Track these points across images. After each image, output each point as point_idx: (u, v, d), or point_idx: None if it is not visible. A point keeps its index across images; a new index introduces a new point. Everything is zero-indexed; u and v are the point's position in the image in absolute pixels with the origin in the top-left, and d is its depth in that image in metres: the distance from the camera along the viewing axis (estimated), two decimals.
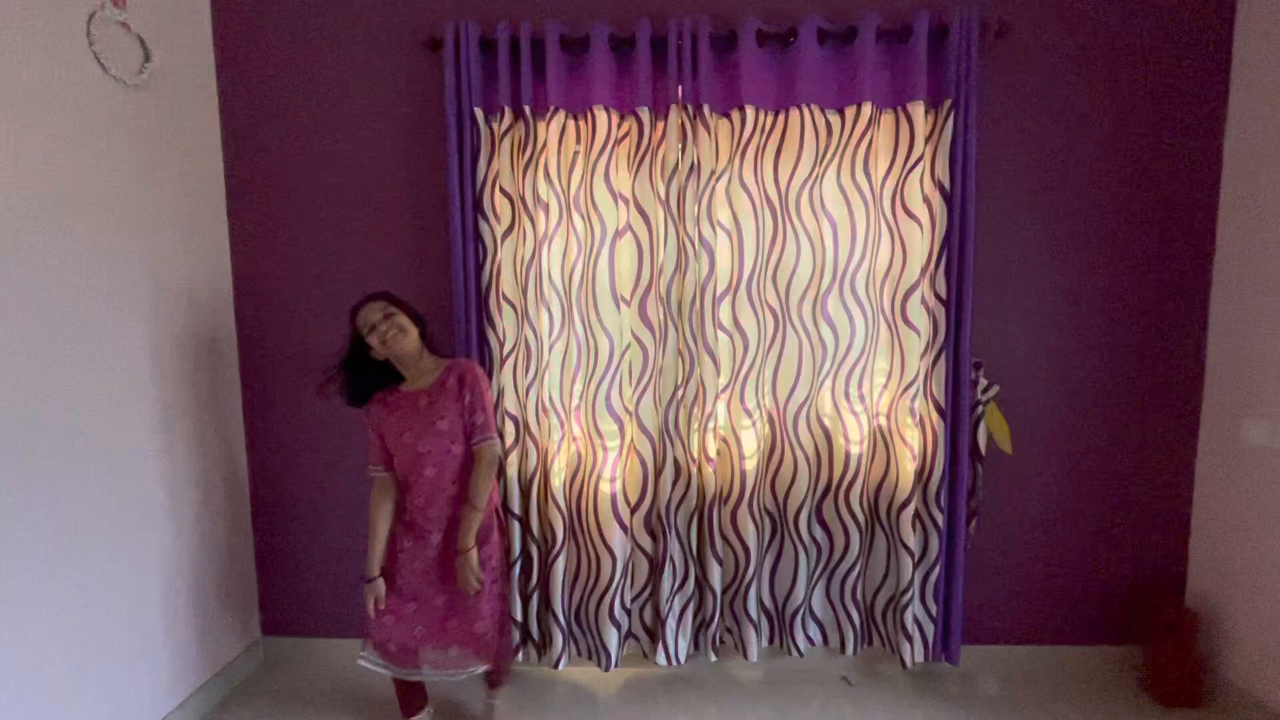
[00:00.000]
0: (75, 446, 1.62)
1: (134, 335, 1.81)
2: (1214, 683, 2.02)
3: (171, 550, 1.94)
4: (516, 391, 2.05)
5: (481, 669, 1.75)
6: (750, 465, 2.06)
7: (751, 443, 2.07)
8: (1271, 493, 1.88)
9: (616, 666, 2.11)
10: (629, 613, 2.13)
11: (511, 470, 2.07)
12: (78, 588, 1.63)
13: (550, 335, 2.03)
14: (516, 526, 2.08)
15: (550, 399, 2.04)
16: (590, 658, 2.16)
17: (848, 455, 2.06)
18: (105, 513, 1.71)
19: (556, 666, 2.12)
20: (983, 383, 2.05)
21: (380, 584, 1.76)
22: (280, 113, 2.13)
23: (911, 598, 2.07)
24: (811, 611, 2.17)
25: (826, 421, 2.08)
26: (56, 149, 1.59)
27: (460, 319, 2.01)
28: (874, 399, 2.07)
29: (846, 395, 2.05)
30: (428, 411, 1.70)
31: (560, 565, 2.07)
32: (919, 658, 2.10)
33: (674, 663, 2.13)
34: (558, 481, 2.07)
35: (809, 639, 2.17)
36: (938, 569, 2.07)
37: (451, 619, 1.75)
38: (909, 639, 2.08)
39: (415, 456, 1.71)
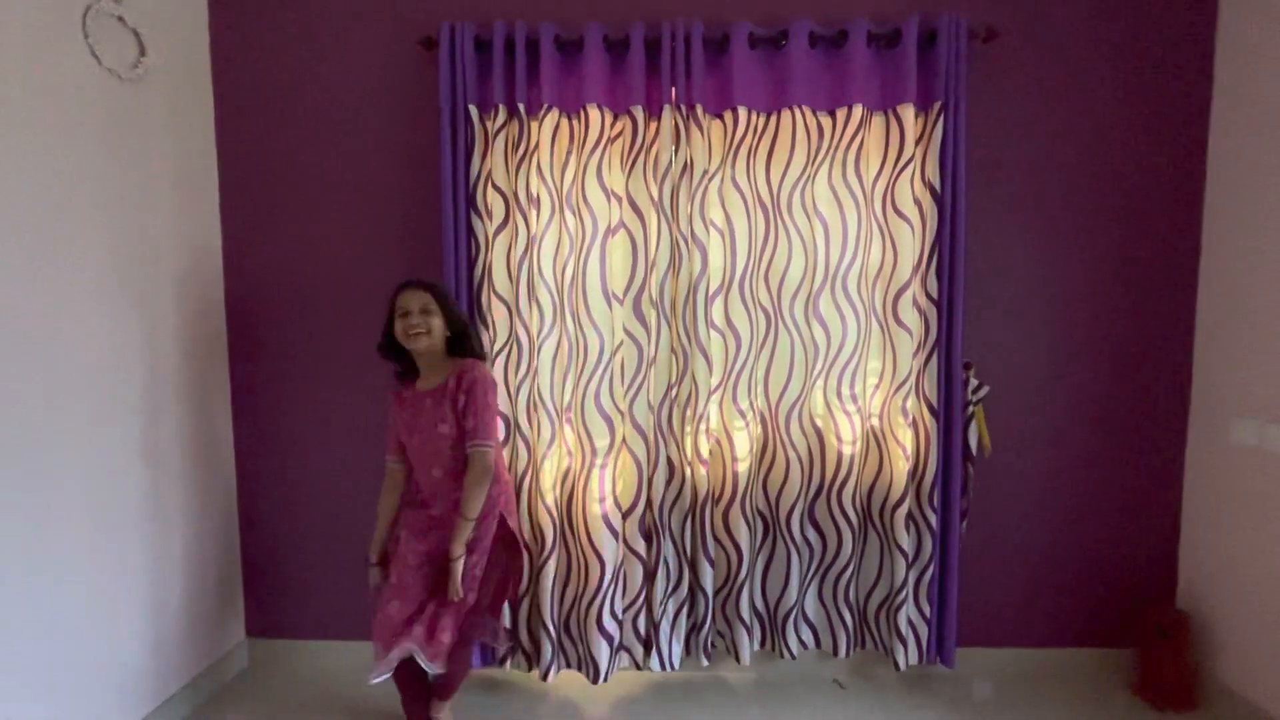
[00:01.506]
0: (58, 442, 1.60)
1: (125, 328, 1.80)
2: (1205, 685, 2.02)
3: (155, 549, 1.91)
4: (508, 389, 2.04)
5: (432, 671, 1.66)
6: (743, 468, 2.05)
7: (744, 444, 2.06)
8: (1260, 494, 1.89)
9: (605, 680, 2.06)
10: (620, 624, 2.08)
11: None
12: (57, 585, 1.60)
13: (541, 333, 2.03)
14: None
15: (540, 396, 2.04)
16: (579, 668, 2.11)
17: (840, 455, 2.06)
18: (86, 510, 1.69)
19: (545, 678, 2.07)
20: (973, 383, 2.06)
21: (378, 571, 1.80)
22: (275, 109, 2.14)
23: (905, 599, 2.06)
24: (804, 614, 2.15)
25: (819, 422, 2.08)
26: (50, 141, 1.59)
27: None
28: (866, 399, 2.08)
29: (839, 395, 2.05)
30: (431, 413, 1.69)
31: (550, 569, 2.05)
32: (913, 660, 2.09)
33: (668, 668, 2.10)
34: (548, 481, 2.06)
35: (801, 642, 2.15)
36: (931, 570, 2.06)
37: (426, 619, 1.68)
38: (902, 641, 2.06)
39: (422, 458, 1.72)
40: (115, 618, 1.78)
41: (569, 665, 2.13)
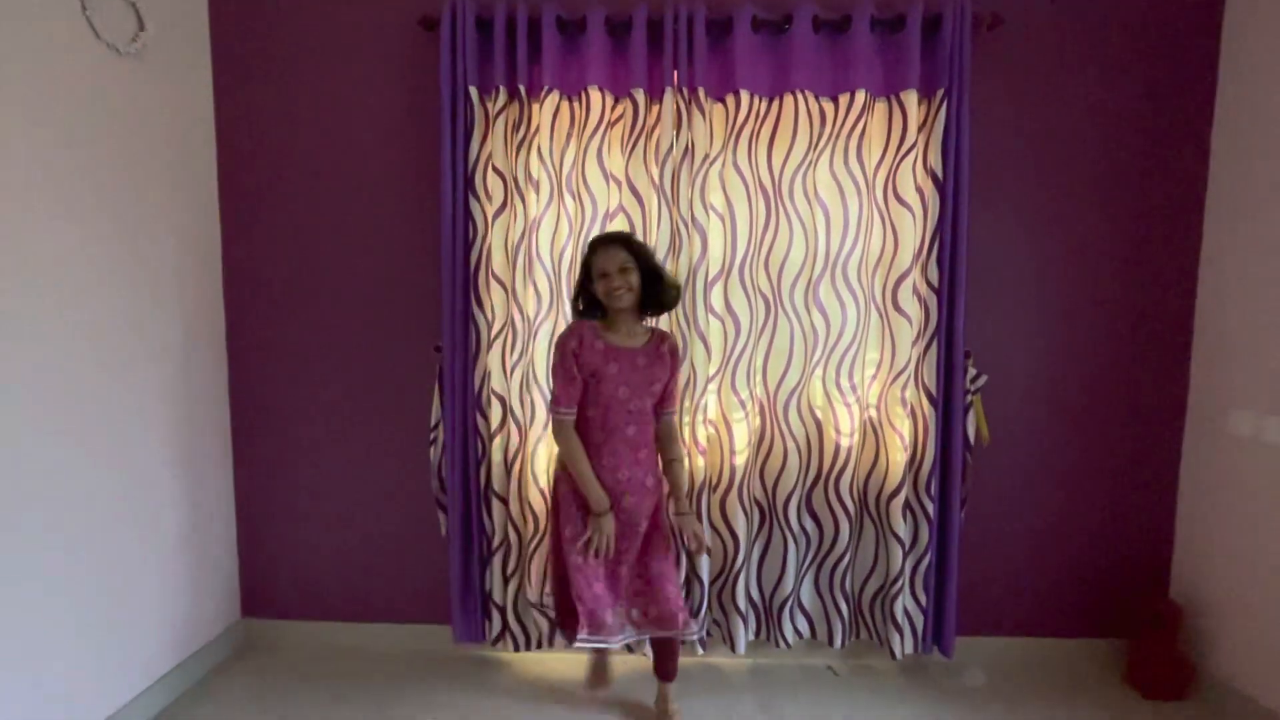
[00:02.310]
0: (51, 423, 1.59)
1: (117, 306, 1.79)
2: (1197, 675, 2.02)
3: (149, 529, 1.91)
4: (504, 372, 2.03)
5: (687, 634, 1.75)
6: (740, 460, 2.05)
7: (743, 436, 2.05)
8: (1256, 485, 1.89)
9: None
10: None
11: (497, 455, 2.06)
12: (51, 564, 1.59)
13: (538, 316, 2.02)
14: (501, 510, 2.06)
15: (536, 379, 2.03)
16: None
17: (838, 444, 2.06)
18: (81, 489, 1.68)
19: (539, 649, 2.09)
20: (971, 372, 2.06)
21: (613, 516, 1.70)
22: (274, 86, 2.13)
23: (901, 588, 2.06)
24: (800, 603, 2.15)
25: (818, 412, 2.07)
26: (45, 115, 1.57)
27: (448, 297, 2.00)
28: (864, 387, 2.07)
29: (838, 384, 2.05)
30: (646, 372, 1.73)
31: (543, 552, 2.05)
32: (909, 649, 2.09)
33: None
34: (541, 464, 2.06)
35: (797, 631, 2.15)
36: (928, 559, 2.06)
37: (645, 583, 1.76)
38: (899, 630, 2.06)
39: (625, 414, 1.71)
40: (110, 597, 1.77)
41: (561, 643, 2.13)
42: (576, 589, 1.67)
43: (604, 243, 1.71)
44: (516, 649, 2.13)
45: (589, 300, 1.76)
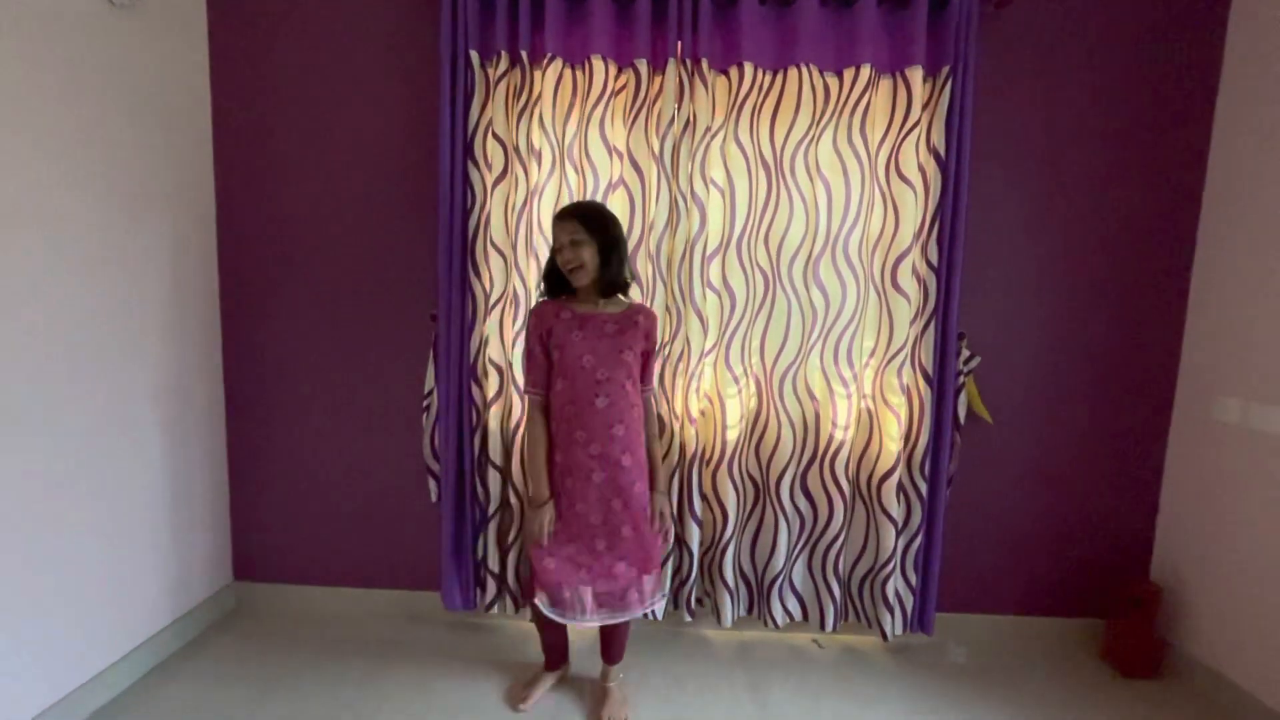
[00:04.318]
0: (40, 380, 1.59)
1: (109, 272, 1.77)
2: (1173, 654, 2.07)
3: (140, 490, 1.91)
4: (503, 342, 2.03)
5: (650, 602, 1.71)
6: (732, 435, 2.06)
7: (735, 412, 2.06)
8: (1238, 471, 1.92)
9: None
10: None
11: (494, 423, 2.06)
12: (41, 518, 1.60)
13: (539, 286, 2.01)
14: (497, 478, 2.07)
15: None
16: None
17: (835, 423, 2.07)
18: (70, 447, 1.68)
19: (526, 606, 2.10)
20: (965, 354, 2.07)
21: (552, 507, 1.66)
22: (271, 46, 2.09)
23: (893, 569, 2.08)
24: (791, 584, 2.17)
25: (815, 390, 2.08)
26: (37, 68, 1.54)
27: (444, 265, 1.98)
28: (861, 366, 2.08)
29: (835, 362, 2.05)
30: (615, 339, 1.64)
31: None
32: (899, 629, 2.12)
33: (649, 616, 2.13)
34: None
35: (788, 613, 2.17)
36: (920, 539, 2.08)
37: (616, 561, 1.67)
38: (890, 610, 2.09)
39: (592, 384, 1.61)
40: (101, 554, 1.78)
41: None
42: (534, 562, 1.67)
43: (561, 214, 1.63)
44: (516, 614, 2.17)
45: (559, 278, 1.68)
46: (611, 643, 1.85)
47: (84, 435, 1.70)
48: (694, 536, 2.09)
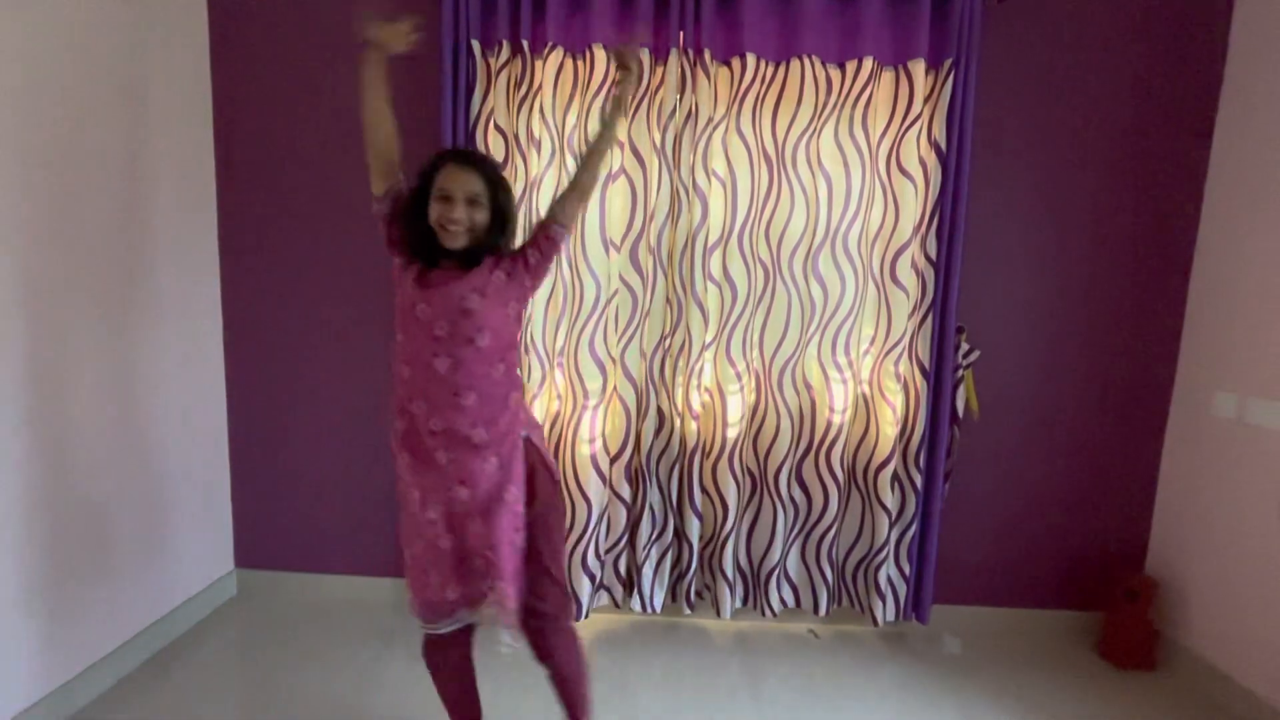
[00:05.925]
0: (39, 359, 1.59)
1: (105, 240, 1.77)
2: (1168, 647, 2.09)
3: (140, 475, 1.92)
4: None
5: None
6: (733, 433, 2.07)
7: (737, 409, 2.07)
8: (1234, 466, 1.92)
9: (585, 617, 2.11)
10: (602, 563, 2.14)
11: None
12: (37, 504, 1.60)
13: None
14: None
15: (533, 340, 2.03)
16: None
17: (831, 414, 2.08)
18: (73, 427, 1.68)
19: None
20: (964, 347, 2.08)
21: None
22: (270, 30, 2.09)
23: (886, 557, 2.10)
24: (786, 572, 2.19)
25: (812, 381, 2.09)
26: (36, 32, 1.54)
27: None
28: (859, 358, 2.08)
29: (833, 353, 2.06)
30: (459, 287, 1.27)
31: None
32: (890, 616, 2.14)
33: (648, 609, 2.15)
34: (538, 417, 2.07)
35: (782, 600, 2.19)
36: (913, 529, 2.10)
37: (482, 561, 1.32)
38: (881, 597, 2.11)
39: (430, 341, 1.26)
40: (97, 540, 1.78)
41: None
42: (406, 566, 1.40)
43: (458, 160, 1.28)
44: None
45: (411, 226, 1.31)
46: (565, 699, 1.45)
47: (79, 409, 1.70)
48: (694, 530, 2.10)
